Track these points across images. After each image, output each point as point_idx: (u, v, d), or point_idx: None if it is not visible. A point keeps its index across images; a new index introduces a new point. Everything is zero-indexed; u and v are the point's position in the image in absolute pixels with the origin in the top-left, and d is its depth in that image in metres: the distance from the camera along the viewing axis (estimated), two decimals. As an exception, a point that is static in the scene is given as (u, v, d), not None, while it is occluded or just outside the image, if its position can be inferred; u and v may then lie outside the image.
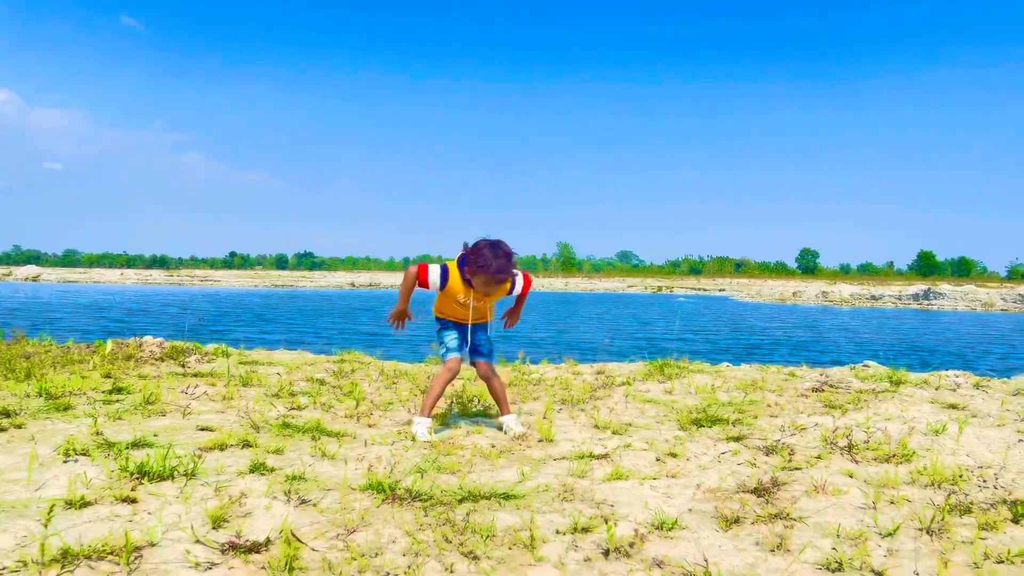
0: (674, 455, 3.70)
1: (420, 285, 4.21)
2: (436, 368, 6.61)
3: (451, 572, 2.23)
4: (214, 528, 2.54)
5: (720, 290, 75.18)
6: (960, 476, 3.28)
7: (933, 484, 3.20)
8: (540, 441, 3.97)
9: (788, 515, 2.76)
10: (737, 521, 2.71)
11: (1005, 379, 6.84)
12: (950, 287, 58.77)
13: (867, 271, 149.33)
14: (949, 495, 3.00)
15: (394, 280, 79.30)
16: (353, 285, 74.94)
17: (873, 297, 54.13)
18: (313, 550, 2.36)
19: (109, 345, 7.04)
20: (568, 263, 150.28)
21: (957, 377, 6.62)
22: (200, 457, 3.39)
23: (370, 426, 4.29)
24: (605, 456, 3.65)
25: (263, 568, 2.23)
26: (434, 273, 4.17)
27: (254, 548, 2.32)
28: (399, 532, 2.54)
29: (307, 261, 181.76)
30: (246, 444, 3.68)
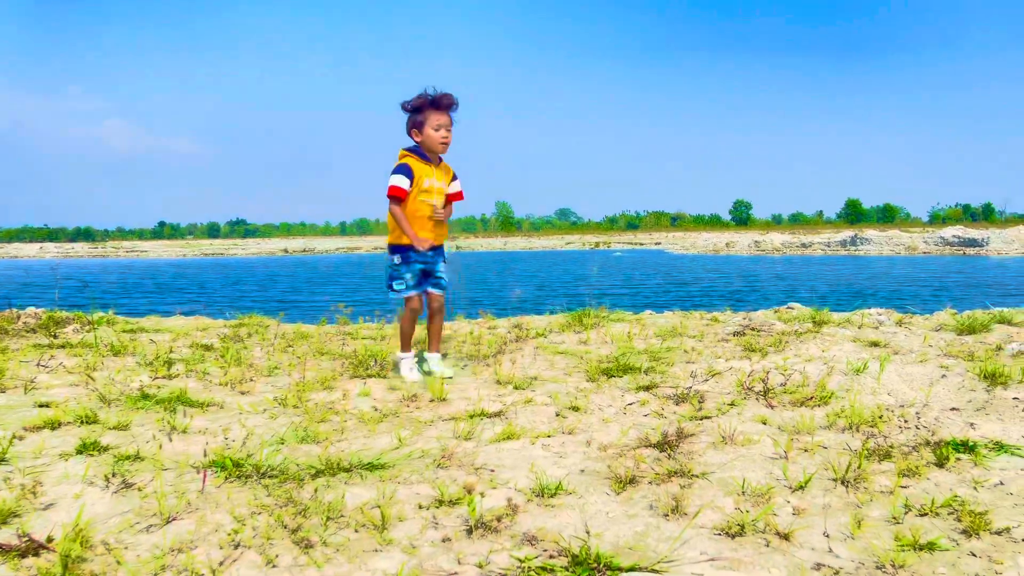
0: (576, 408, 3.35)
1: (402, 197, 4.02)
2: (332, 329, 6.15)
3: (272, 566, 1.81)
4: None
5: (656, 243, 75.90)
6: (880, 417, 3.00)
7: (851, 427, 2.91)
8: (432, 401, 3.57)
9: (689, 472, 2.42)
10: (632, 481, 2.36)
11: (927, 315, 6.72)
12: (876, 233, 60.32)
13: (798, 221, 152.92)
14: (867, 439, 2.71)
15: (328, 245, 77.70)
16: (286, 251, 73.10)
17: (803, 245, 55.21)
18: (106, 547, 1.91)
19: (-26, 318, 6.35)
20: (507, 222, 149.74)
21: (880, 315, 6.46)
22: (20, 438, 2.90)
23: (243, 393, 3.83)
24: (499, 414, 3.28)
25: (33, 574, 1.78)
26: (397, 179, 3.99)
27: (29, 550, 1.87)
28: (228, 518, 2.11)
29: (240, 229, 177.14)
30: (85, 420, 3.18)
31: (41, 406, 3.47)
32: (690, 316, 6.75)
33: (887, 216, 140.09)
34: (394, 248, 4.18)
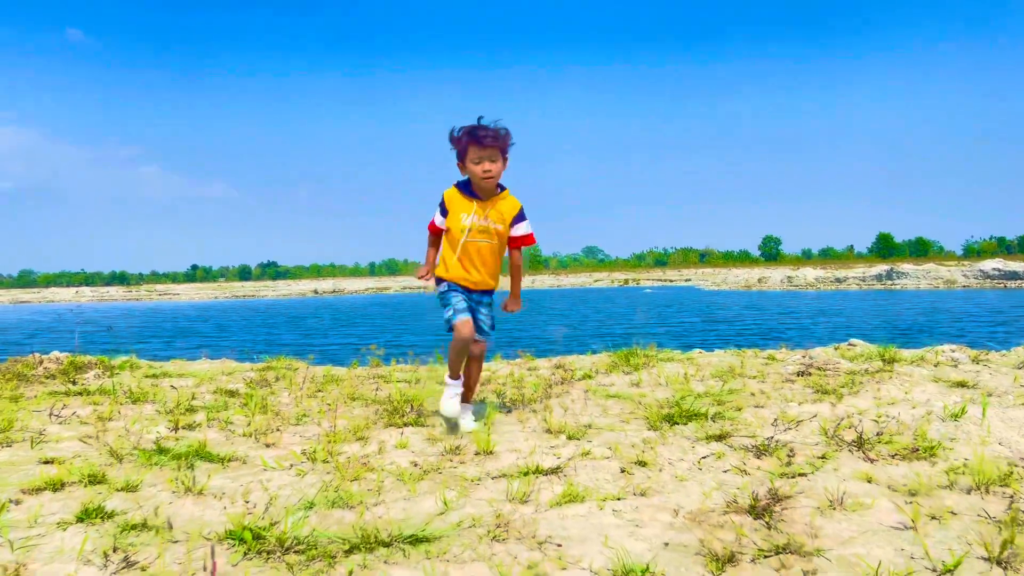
0: (643, 463, 2.93)
1: (433, 232, 3.86)
2: (364, 372, 5.80)
3: None
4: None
5: (686, 280, 75.12)
6: (1010, 475, 2.55)
7: (979, 487, 2.46)
8: (477, 454, 3.17)
9: (801, 548, 1.99)
10: (732, 560, 1.94)
11: (1003, 351, 6.20)
12: (912, 267, 59.13)
13: (829, 255, 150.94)
14: (1012, 504, 2.26)
15: (358, 285, 77.99)
16: (316, 292, 73.45)
17: (838, 280, 54.21)
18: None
19: (-7, 363, 6.09)
20: (535, 261, 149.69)
21: (954, 352, 5.96)
22: (17, 502, 2.55)
23: (268, 446, 3.46)
24: (556, 470, 2.87)
25: None
26: (435, 214, 3.82)
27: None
28: (244, 610, 1.72)
29: (271, 271, 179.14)
30: (91, 481, 2.83)
31: (46, 463, 3.13)
32: (744, 354, 6.30)
33: (920, 250, 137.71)
34: (438, 279, 3.85)
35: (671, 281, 75.96)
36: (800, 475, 2.67)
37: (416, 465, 3.01)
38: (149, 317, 35.63)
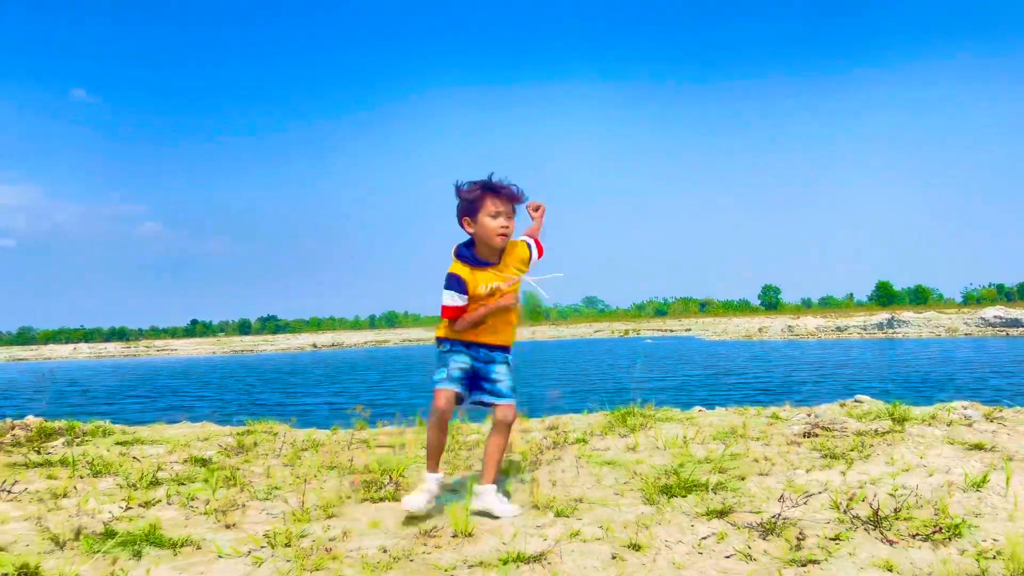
0: (637, 547, 2.65)
1: (456, 316, 3.36)
2: (346, 436, 5.52)
3: None
4: None
5: (686, 330, 74.84)
6: (1049, 561, 2.26)
7: (1015, 578, 2.18)
8: (455, 536, 2.88)
9: (818, 662, 1.70)
10: None
11: (1017, 407, 5.92)
12: (912, 315, 58.91)
13: (828, 304, 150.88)
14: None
15: (357, 339, 77.60)
16: (315, 346, 73.09)
17: (839, 328, 53.96)
18: None
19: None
20: (534, 312, 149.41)
21: (966, 409, 5.67)
22: (-71, 605, 2.26)
23: (229, 526, 3.16)
24: (540, 557, 2.58)
25: None
26: (449, 296, 3.33)
27: None
28: None
29: (271, 324, 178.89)
30: (24, 573, 2.54)
31: (-22, 550, 2.84)
32: (746, 413, 6.01)
33: (920, 298, 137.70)
34: (441, 339, 3.45)
35: (672, 331, 75.66)
36: (811, 562, 2.38)
37: (385, 551, 2.72)
38: (138, 375, 35.23)
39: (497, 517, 3.12)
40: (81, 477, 4.17)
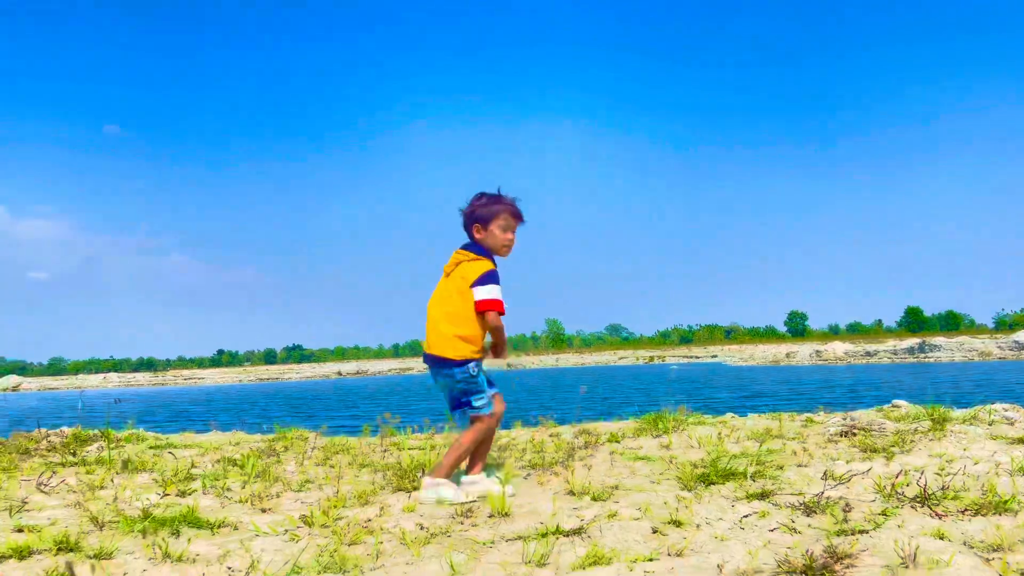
0: (678, 523, 2.60)
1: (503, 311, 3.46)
2: (375, 441, 5.52)
3: None
4: None
5: (712, 356, 74.11)
6: (1107, 527, 2.19)
7: (1072, 542, 2.11)
8: (491, 516, 2.85)
9: (874, 610, 1.66)
10: (791, 626, 1.61)
11: (1060, 411, 5.77)
12: (944, 339, 57.86)
13: (856, 330, 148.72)
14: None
15: (381, 367, 77.71)
16: (340, 374, 73.25)
17: (868, 353, 53.09)
18: None
19: (-5, 437, 5.87)
20: (558, 339, 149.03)
21: (1007, 411, 5.55)
22: (-27, 572, 2.27)
23: (264, 511, 3.16)
24: (579, 531, 2.54)
25: None
26: (496, 290, 3.41)
27: None
28: None
29: (296, 354, 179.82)
30: (63, 548, 2.55)
31: (19, 531, 2.86)
32: (781, 418, 5.92)
33: (951, 323, 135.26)
34: (465, 361, 3.43)
35: (697, 358, 74.93)
36: (860, 532, 2.33)
37: (423, 528, 2.70)
38: (165, 401, 35.55)
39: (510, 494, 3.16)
40: (117, 473, 4.20)
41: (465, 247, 3.50)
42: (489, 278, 3.38)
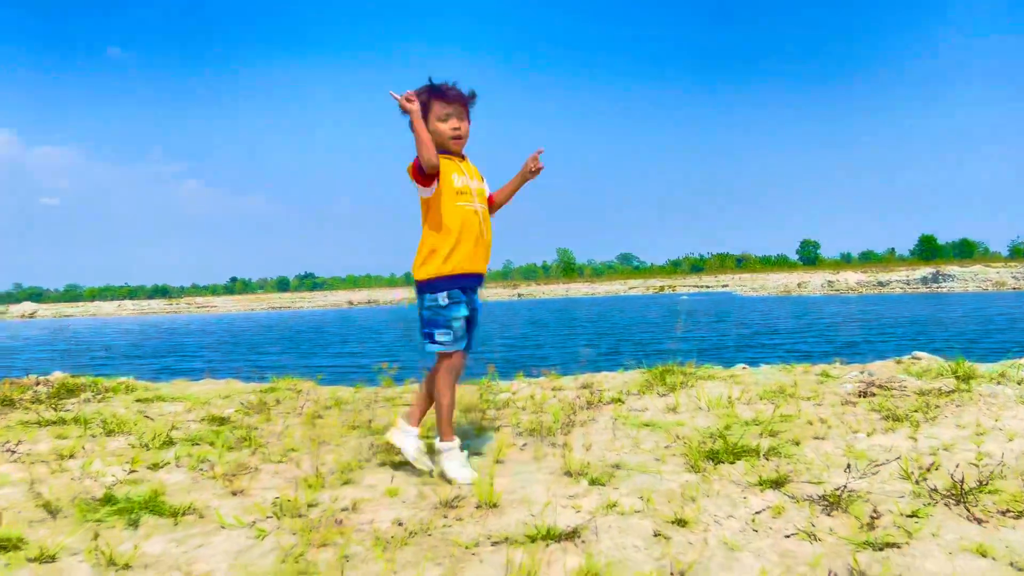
0: (683, 523, 2.34)
1: (419, 172, 2.94)
2: (370, 394, 5.28)
3: None
4: None
5: (723, 286, 73.82)
6: None
7: None
8: (478, 507, 2.60)
9: None
10: None
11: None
12: (958, 268, 57.29)
13: (869, 259, 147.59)
14: None
15: (392, 296, 77.96)
16: (351, 303, 73.61)
17: (880, 283, 52.64)
18: None
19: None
20: (568, 269, 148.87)
21: (1036, 366, 5.25)
22: None
23: (236, 493, 2.92)
24: (573, 534, 2.28)
25: None
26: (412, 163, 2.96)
27: None
28: None
29: (308, 282, 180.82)
30: (4, 546, 2.32)
31: (-35, 519, 2.63)
32: (793, 370, 5.64)
33: (964, 251, 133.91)
34: (435, 284, 2.98)
35: (708, 287, 74.67)
36: (889, 546, 2.05)
37: (400, 524, 2.45)
38: (175, 332, 35.72)
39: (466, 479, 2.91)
40: (93, 436, 3.98)
41: None
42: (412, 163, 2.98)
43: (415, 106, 2.88)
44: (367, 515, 2.56)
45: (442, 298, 2.97)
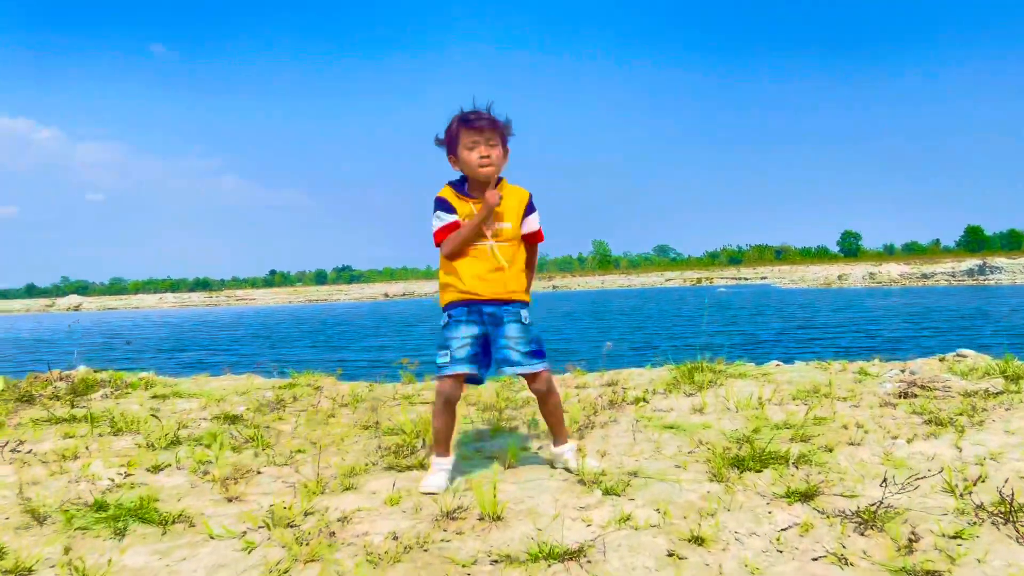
0: (700, 541, 2.14)
1: (444, 239, 2.95)
2: (389, 391, 5.15)
3: None
4: None
5: (762, 278, 72.71)
6: None
7: None
8: (481, 519, 2.43)
9: None
10: None
11: None
12: (1006, 260, 55.54)
13: (912, 250, 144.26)
14: None
15: (428, 288, 78.20)
16: (387, 295, 74.02)
17: (924, 276, 51.31)
18: None
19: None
20: (604, 261, 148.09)
21: (1092, 365, 4.92)
22: None
23: (231, 499, 2.79)
24: (579, 553, 2.10)
25: None
26: (438, 218, 2.94)
27: None
28: None
29: (345, 275, 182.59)
30: (-18, 555, 2.21)
31: (-51, 525, 2.54)
32: (829, 368, 5.37)
33: (1013, 243, 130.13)
34: (444, 308, 3.01)
35: (746, 279, 73.57)
36: (929, 573, 1.83)
37: (396, 537, 2.28)
38: (210, 325, 36.17)
39: (597, 471, 2.88)
40: (100, 435, 3.90)
41: (450, 183, 3.02)
42: (435, 207, 2.96)
43: (493, 201, 2.85)
44: (363, 526, 2.40)
45: (443, 319, 3.00)
